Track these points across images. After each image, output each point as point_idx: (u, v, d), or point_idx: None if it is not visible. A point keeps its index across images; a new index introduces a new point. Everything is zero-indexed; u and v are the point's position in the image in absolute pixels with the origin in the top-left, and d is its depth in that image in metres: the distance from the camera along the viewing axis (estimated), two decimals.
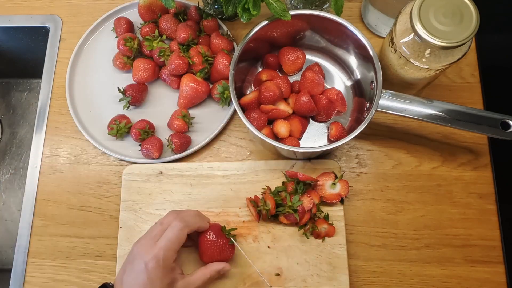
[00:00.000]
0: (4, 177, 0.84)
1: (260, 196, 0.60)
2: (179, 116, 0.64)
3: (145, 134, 0.65)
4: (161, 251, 0.49)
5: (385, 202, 0.64)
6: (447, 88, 0.68)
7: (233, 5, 0.57)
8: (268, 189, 0.61)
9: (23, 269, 0.63)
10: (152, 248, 0.50)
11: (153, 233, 0.52)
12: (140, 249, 0.50)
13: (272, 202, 0.58)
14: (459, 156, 0.65)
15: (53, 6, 0.77)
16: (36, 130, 0.70)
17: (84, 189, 0.66)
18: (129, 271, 0.50)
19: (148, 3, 0.69)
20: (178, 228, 0.51)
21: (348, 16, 0.71)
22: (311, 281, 0.58)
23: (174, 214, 0.54)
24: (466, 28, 0.49)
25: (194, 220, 0.54)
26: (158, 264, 0.48)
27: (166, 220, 0.53)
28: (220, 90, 0.65)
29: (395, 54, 0.56)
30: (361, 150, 0.66)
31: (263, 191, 0.61)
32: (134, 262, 0.50)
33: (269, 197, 0.58)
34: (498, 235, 0.62)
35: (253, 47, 0.62)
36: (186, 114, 0.65)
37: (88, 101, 0.70)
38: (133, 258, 0.50)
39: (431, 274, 0.61)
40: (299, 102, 0.61)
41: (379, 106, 0.56)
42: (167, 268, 0.49)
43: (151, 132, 0.66)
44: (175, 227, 0.51)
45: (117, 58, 0.69)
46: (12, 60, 0.85)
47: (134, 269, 0.49)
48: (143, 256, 0.49)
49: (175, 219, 0.52)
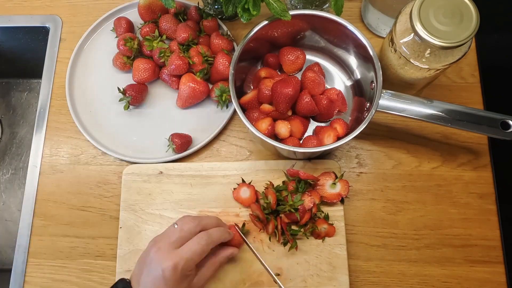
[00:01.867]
0: (4, 177, 0.84)
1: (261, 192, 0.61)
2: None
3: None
4: (182, 261, 0.48)
5: (385, 202, 0.64)
6: (447, 88, 0.68)
7: (233, 5, 0.57)
8: (271, 185, 0.61)
9: (23, 269, 0.63)
10: (171, 255, 0.49)
11: (172, 239, 0.51)
12: (158, 254, 0.49)
13: (274, 197, 0.58)
14: (459, 156, 0.65)
15: (53, 6, 0.77)
16: (36, 130, 0.70)
17: (84, 189, 0.66)
18: (146, 274, 0.49)
19: (148, 3, 0.69)
20: (205, 242, 0.50)
21: (348, 16, 0.71)
22: (311, 281, 0.58)
23: (194, 222, 0.53)
24: (466, 28, 0.49)
25: (219, 234, 0.54)
26: (175, 273, 0.48)
27: (187, 227, 0.52)
28: (217, 93, 0.65)
29: (395, 54, 0.56)
30: (361, 150, 0.66)
31: (266, 186, 0.62)
32: (151, 265, 0.49)
33: (271, 192, 0.58)
34: (498, 235, 0.62)
35: (253, 47, 0.62)
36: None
37: (88, 101, 0.70)
38: (150, 261, 0.50)
39: (431, 274, 0.61)
40: (300, 102, 0.61)
41: (379, 106, 0.56)
42: (184, 276, 0.49)
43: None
44: (202, 241, 0.50)
45: (117, 58, 0.69)
46: (12, 60, 0.85)
47: (151, 273, 0.49)
48: (161, 262, 0.48)
49: (202, 234, 0.51)
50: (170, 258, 0.48)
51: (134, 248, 0.61)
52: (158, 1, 0.69)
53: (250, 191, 0.61)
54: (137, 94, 0.67)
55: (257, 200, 0.60)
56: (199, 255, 0.50)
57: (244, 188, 0.61)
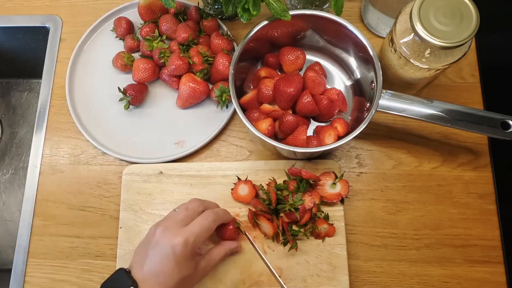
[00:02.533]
0: (4, 177, 0.84)
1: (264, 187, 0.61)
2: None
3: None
4: (192, 236, 0.49)
5: (385, 202, 0.64)
6: (447, 88, 0.68)
7: (233, 5, 0.57)
8: (274, 181, 0.61)
9: (23, 269, 0.63)
10: (180, 232, 0.49)
11: (178, 218, 0.51)
12: (165, 233, 0.49)
13: (274, 196, 0.58)
14: (459, 156, 0.65)
15: (53, 6, 0.77)
16: (36, 130, 0.70)
17: (84, 189, 0.66)
18: (152, 254, 0.48)
19: (148, 3, 0.69)
20: (212, 218, 0.52)
21: (348, 16, 0.71)
22: (311, 281, 0.58)
23: (198, 202, 0.54)
24: (466, 28, 0.49)
25: (223, 213, 0.56)
26: (186, 248, 0.48)
27: (191, 206, 0.53)
28: (217, 93, 0.65)
29: (395, 54, 0.56)
30: (361, 150, 0.66)
31: (268, 182, 0.62)
32: (159, 245, 0.48)
33: (272, 190, 0.59)
34: (498, 235, 0.62)
35: (253, 47, 0.62)
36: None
37: (88, 101, 0.70)
38: (157, 242, 0.49)
39: (431, 274, 0.61)
40: (300, 102, 0.61)
41: (379, 106, 0.56)
42: (193, 253, 0.49)
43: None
44: (209, 217, 0.52)
45: (117, 58, 0.69)
46: (12, 60, 0.85)
47: (158, 252, 0.48)
48: (170, 239, 0.48)
49: (208, 212, 0.53)
50: (179, 235, 0.48)
51: (134, 248, 0.60)
52: (158, 1, 0.69)
53: (248, 186, 0.61)
54: (137, 94, 0.67)
55: (257, 195, 0.60)
56: (207, 231, 0.51)
57: (242, 186, 0.61)
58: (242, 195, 0.61)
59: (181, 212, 0.52)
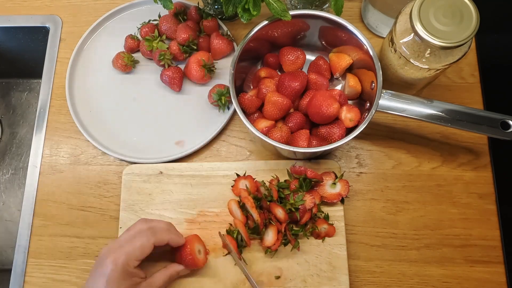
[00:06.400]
0: (4, 177, 0.84)
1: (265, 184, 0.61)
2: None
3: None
4: (122, 256, 0.49)
5: (385, 202, 0.64)
6: (447, 88, 0.68)
7: (233, 5, 0.57)
8: (276, 179, 0.61)
9: (23, 269, 0.63)
10: (113, 251, 0.50)
11: (121, 239, 0.52)
12: (104, 253, 0.51)
13: (275, 193, 0.58)
14: (459, 156, 0.65)
15: (53, 6, 0.77)
16: (36, 130, 0.70)
17: (84, 189, 0.66)
18: (92, 273, 0.51)
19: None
20: (146, 238, 0.51)
21: (348, 16, 0.71)
22: (311, 281, 0.58)
23: (143, 223, 0.54)
24: (466, 28, 0.49)
25: (164, 234, 0.53)
26: (116, 267, 0.49)
27: (136, 226, 0.53)
28: (215, 97, 0.65)
29: (395, 54, 0.56)
30: (361, 150, 0.66)
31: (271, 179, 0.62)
32: (96, 264, 0.51)
33: (273, 187, 0.59)
34: (498, 235, 0.62)
35: (253, 47, 0.62)
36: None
37: (88, 101, 0.70)
38: (97, 261, 0.51)
39: (431, 274, 0.61)
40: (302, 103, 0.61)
41: (379, 106, 0.56)
42: (126, 273, 0.49)
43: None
44: (143, 236, 0.52)
45: (117, 58, 0.69)
46: (12, 60, 0.85)
47: (95, 272, 0.50)
48: (103, 259, 0.50)
49: (146, 230, 0.52)
50: (111, 254, 0.50)
51: None
52: None
53: (249, 181, 0.60)
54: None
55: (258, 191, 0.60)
56: (140, 250, 0.50)
57: (242, 181, 0.61)
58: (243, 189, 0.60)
59: (124, 233, 0.53)
